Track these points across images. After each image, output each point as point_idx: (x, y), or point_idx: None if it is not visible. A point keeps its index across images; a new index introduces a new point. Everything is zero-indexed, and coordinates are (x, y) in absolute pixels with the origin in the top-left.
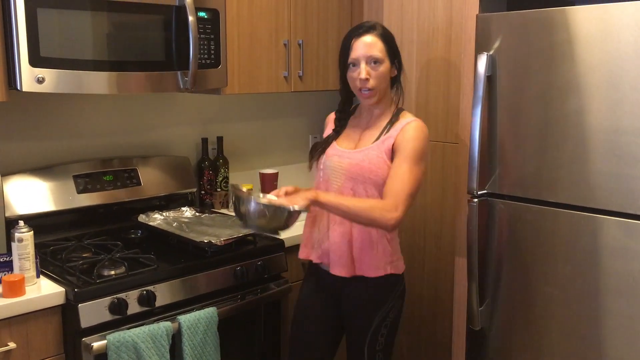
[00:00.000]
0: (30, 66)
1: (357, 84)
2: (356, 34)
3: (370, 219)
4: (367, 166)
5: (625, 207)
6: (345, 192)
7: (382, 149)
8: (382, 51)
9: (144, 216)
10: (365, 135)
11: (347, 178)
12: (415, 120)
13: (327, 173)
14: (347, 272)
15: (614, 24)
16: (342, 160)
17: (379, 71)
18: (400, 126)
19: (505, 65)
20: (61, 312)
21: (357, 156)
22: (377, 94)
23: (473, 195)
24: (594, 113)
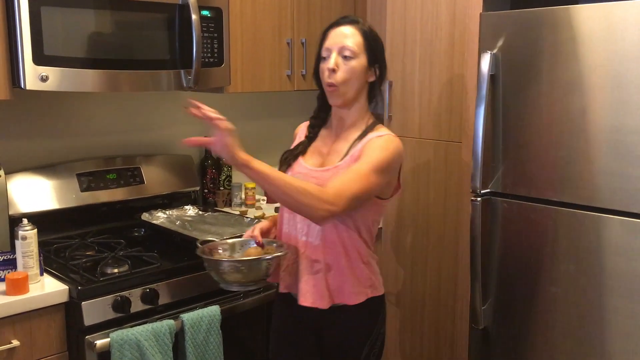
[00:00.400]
0: (34, 64)
1: (325, 76)
2: (335, 24)
3: (301, 202)
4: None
5: (629, 207)
6: None
7: (349, 164)
8: (358, 45)
9: (147, 214)
10: (333, 149)
11: None
12: (389, 134)
13: None
14: (324, 303)
15: (618, 22)
16: (307, 180)
17: (350, 65)
18: (366, 141)
19: (509, 64)
20: (64, 309)
21: (324, 176)
22: (345, 94)
23: (476, 194)
24: (598, 112)
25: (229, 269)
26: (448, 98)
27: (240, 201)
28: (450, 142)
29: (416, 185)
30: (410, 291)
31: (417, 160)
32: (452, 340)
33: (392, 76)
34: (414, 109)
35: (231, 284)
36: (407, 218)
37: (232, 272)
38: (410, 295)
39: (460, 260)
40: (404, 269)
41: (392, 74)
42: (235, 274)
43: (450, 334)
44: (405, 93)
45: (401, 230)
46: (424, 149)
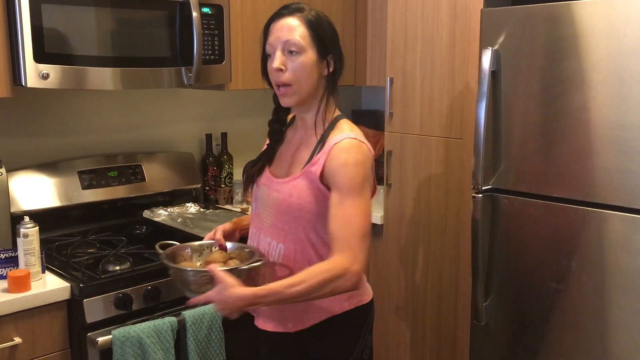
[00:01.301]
0: (34, 62)
1: (273, 78)
2: (276, 16)
3: (333, 291)
4: (295, 202)
5: (630, 203)
6: (274, 233)
7: (311, 178)
8: (303, 37)
9: (148, 212)
10: (297, 156)
11: (276, 216)
12: (347, 138)
13: (258, 207)
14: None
15: (619, 18)
16: (270, 193)
17: (297, 62)
18: (327, 148)
19: (510, 61)
20: (66, 307)
21: (285, 189)
22: (297, 93)
23: (478, 190)
24: (599, 108)
25: (196, 278)
26: (449, 94)
27: (241, 198)
28: (451, 138)
29: (417, 182)
30: (411, 288)
31: (418, 157)
32: (454, 336)
33: (393, 73)
34: (414, 106)
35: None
36: (408, 215)
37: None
38: (411, 291)
39: (461, 257)
40: (405, 265)
41: (393, 70)
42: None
43: (451, 330)
44: (406, 90)
45: (402, 227)
46: (425, 146)
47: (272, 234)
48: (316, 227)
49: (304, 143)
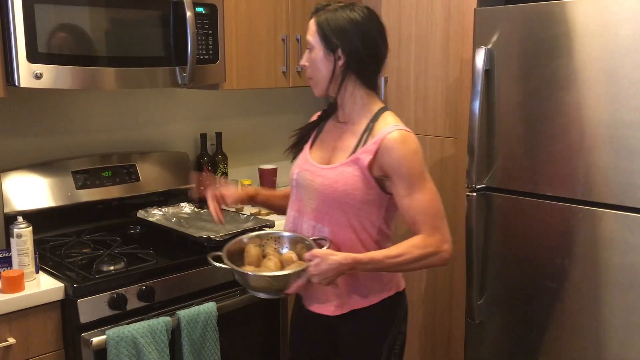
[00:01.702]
0: (28, 62)
1: None
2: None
3: (424, 266)
4: (341, 188)
5: (623, 201)
6: (319, 217)
7: (359, 165)
8: (313, 35)
9: (142, 212)
10: (340, 144)
11: (321, 200)
12: (397, 129)
13: (299, 192)
14: (335, 310)
15: (612, 17)
16: (314, 179)
17: (310, 58)
18: (378, 139)
19: (504, 59)
20: (60, 307)
21: (331, 174)
22: (317, 85)
23: (472, 189)
24: (592, 107)
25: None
26: (443, 94)
27: None
28: (445, 137)
29: None
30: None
31: None
32: (449, 334)
33: (387, 72)
34: (409, 105)
35: (259, 292)
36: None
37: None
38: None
39: (455, 256)
40: None
41: (387, 70)
42: (266, 285)
43: (446, 329)
44: (400, 89)
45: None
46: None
47: (316, 218)
48: (359, 214)
49: (348, 132)
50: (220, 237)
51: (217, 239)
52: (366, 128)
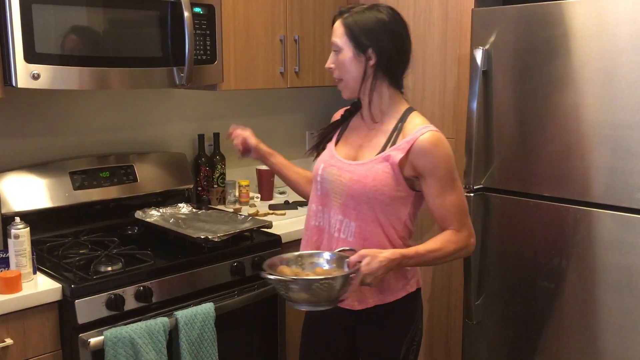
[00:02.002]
0: (25, 62)
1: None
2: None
3: (453, 259)
4: (371, 184)
5: (620, 201)
6: (347, 212)
7: (389, 162)
8: (340, 37)
9: (140, 212)
10: (367, 142)
11: (348, 196)
12: (429, 130)
13: (325, 187)
14: (358, 304)
15: (609, 17)
16: (341, 174)
17: (338, 59)
18: (411, 139)
19: (501, 60)
20: (58, 308)
21: (360, 170)
22: (347, 87)
23: (469, 189)
24: (590, 107)
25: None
26: (441, 94)
27: (234, 198)
28: None
29: None
30: None
31: None
32: (447, 335)
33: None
34: None
35: (300, 304)
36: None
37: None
38: None
39: None
40: None
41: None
42: (304, 293)
43: (444, 329)
44: None
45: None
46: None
47: (344, 212)
48: (387, 209)
49: (375, 130)
50: (218, 238)
51: (214, 239)
52: (395, 128)
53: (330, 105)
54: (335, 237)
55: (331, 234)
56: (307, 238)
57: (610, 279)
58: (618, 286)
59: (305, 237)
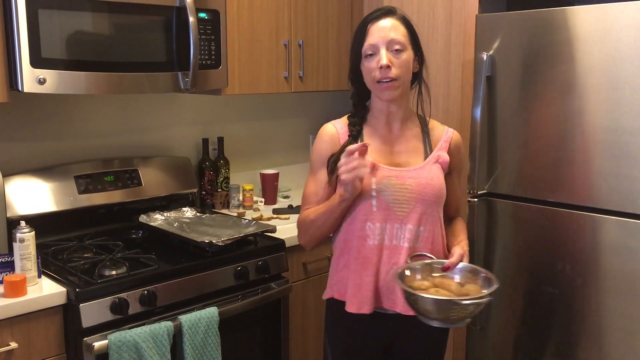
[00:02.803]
0: (31, 67)
1: (376, 74)
2: (372, 18)
3: None
4: (437, 184)
5: (624, 207)
6: (416, 218)
7: (440, 162)
8: (405, 36)
9: (144, 216)
10: (404, 147)
11: (418, 201)
12: (453, 130)
13: (384, 200)
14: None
15: (613, 24)
16: (404, 181)
17: (402, 59)
18: (447, 137)
19: (505, 66)
20: (62, 312)
21: (423, 174)
22: (401, 87)
23: (473, 195)
24: (594, 113)
25: (437, 306)
26: (445, 99)
27: (237, 203)
28: None
29: None
30: None
31: None
32: (451, 340)
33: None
34: None
35: (432, 320)
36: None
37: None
38: None
39: None
40: None
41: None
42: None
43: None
44: None
45: None
46: None
47: (413, 220)
48: (441, 208)
49: (406, 136)
50: (222, 242)
51: (218, 243)
52: (422, 130)
53: (334, 110)
54: (401, 248)
55: (394, 247)
56: (364, 261)
57: (613, 284)
58: (621, 291)
59: (360, 261)
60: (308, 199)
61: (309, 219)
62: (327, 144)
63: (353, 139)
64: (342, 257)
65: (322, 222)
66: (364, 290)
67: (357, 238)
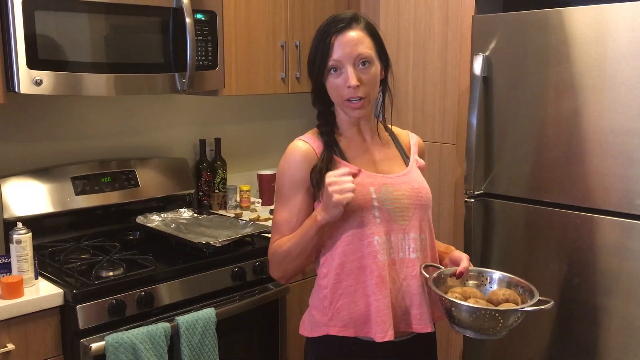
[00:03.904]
0: (28, 68)
1: (344, 93)
2: (336, 30)
3: None
4: (427, 188)
5: (621, 207)
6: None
7: (419, 167)
8: (371, 48)
9: (142, 217)
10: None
11: (416, 207)
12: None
13: (386, 210)
14: (430, 324)
15: (609, 25)
16: (399, 188)
17: (370, 74)
18: (415, 142)
19: (501, 66)
20: (60, 313)
21: (414, 177)
22: (370, 103)
23: (470, 195)
24: (590, 113)
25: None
26: (441, 100)
27: (235, 203)
28: (443, 143)
29: None
30: None
31: None
32: (447, 342)
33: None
34: (407, 111)
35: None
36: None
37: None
38: None
39: None
40: None
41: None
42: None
43: (445, 337)
44: (398, 95)
45: None
46: None
47: (414, 228)
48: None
49: (379, 143)
50: (219, 243)
51: (215, 244)
52: (391, 135)
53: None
54: (409, 261)
55: (401, 260)
56: (380, 280)
57: (611, 284)
58: (618, 291)
59: (374, 281)
60: (279, 229)
61: (282, 250)
62: (304, 164)
63: (329, 150)
64: (340, 284)
65: (300, 251)
66: (384, 313)
67: (367, 256)
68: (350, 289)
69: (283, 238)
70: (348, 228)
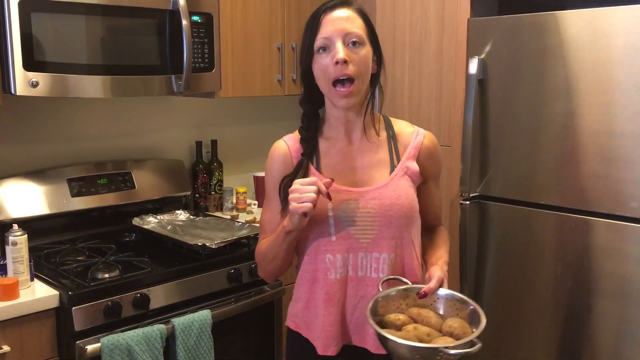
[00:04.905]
0: (24, 70)
1: (331, 71)
2: (326, 8)
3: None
4: (405, 202)
5: (615, 210)
6: (384, 243)
7: (409, 174)
8: (362, 29)
9: (138, 219)
10: (367, 161)
11: (383, 226)
12: (425, 131)
13: (343, 227)
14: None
15: (604, 28)
16: (366, 204)
17: (361, 55)
18: (417, 143)
19: (497, 69)
20: (55, 315)
21: (387, 193)
22: (360, 91)
23: (465, 197)
24: (585, 116)
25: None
26: (437, 102)
27: (231, 205)
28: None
29: None
30: None
31: None
32: None
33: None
34: (403, 113)
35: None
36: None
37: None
38: None
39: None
40: None
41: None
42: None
43: None
44: (394, 97)
45: None
46: None
47: (379, 247)
48: (415, 225)
49: (369, 146)
50: (215, 245)
51: (212, 246)
52: (389, 136)
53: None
54: (368, 280)
55: (360, 279)
56: (327, 298)
57: (605, 286)
58: (613, 293)
59: (322, 298)
60: (264, 229)
61: (261, 251)
62: (278, 165)
63: (307, 157)
64: (300, 288)
65: (274, 254)
66: (329, 330)
67: (319, 271)
68: (305, 295)
69: (266, 239)
70: (310, 240)
